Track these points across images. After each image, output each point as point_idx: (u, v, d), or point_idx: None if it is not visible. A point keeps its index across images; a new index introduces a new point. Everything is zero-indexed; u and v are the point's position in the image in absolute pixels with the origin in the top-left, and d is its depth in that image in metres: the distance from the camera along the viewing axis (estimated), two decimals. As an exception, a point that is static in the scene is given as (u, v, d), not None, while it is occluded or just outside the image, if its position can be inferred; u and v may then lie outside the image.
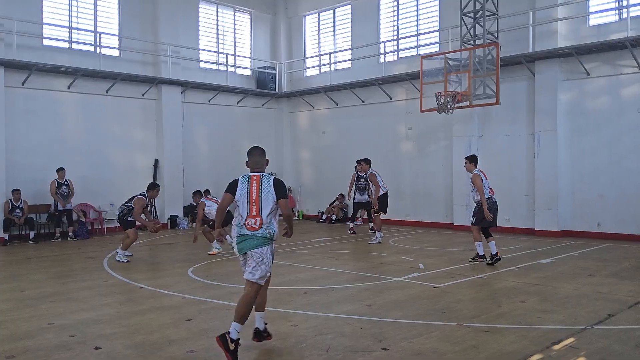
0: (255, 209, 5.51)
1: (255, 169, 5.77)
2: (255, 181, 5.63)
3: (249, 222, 5.50)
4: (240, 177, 5.75)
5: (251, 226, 5.48)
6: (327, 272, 9.97)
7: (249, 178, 5.68)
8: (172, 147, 18.29)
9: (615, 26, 14.01)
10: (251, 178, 5.67)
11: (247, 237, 5.49)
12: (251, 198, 5.56)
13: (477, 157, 10.97)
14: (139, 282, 9.20)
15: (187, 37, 19.11)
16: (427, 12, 18.06)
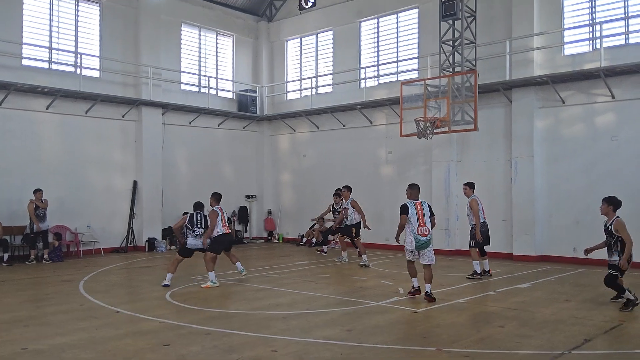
0: (422, 222, 9.35)
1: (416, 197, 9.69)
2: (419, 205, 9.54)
3: (420, 230, 9.31)
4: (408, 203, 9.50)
5: (423, 233, 9.31)
6: (307, 296, 9.93)
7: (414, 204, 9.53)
8: (152, 169, 18.18)
9: (589, 56, 14.41)
10: (415, 204, 9.53)
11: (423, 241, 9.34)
12: (419, 215, 9.38)
13: (474, 184, 12.22)
14: (115, 306, 9.05)
15: (169, 59, 19.15)
16: (407, 39, 18.40)
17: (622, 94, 13.81)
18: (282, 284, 11.37)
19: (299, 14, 21.38)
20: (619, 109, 13.94)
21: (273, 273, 12.92)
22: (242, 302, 9.43)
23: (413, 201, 9.48)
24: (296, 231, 20.67)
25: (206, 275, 11.12)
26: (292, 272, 13.19)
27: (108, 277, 12.55)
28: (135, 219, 17.89)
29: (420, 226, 9.20)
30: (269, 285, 11.14)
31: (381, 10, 18.86)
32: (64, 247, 16.00)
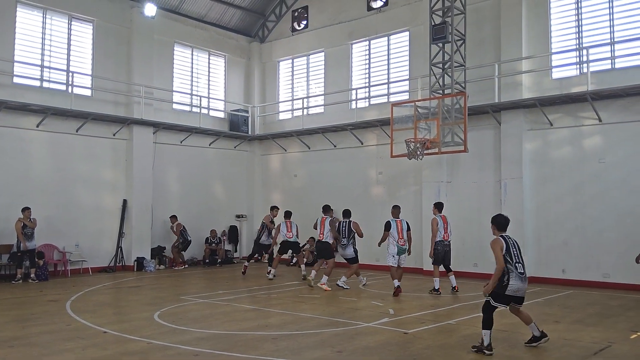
0: (401, 235, 12.29)
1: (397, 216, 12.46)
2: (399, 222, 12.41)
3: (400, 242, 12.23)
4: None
5: (401, 243, 12.25)
6: (297, 317, 9.88)
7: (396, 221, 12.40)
8: (142, 188, 18.12)
9: (576, 80, 14.64)
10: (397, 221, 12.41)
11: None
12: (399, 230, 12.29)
13: (441, 204, 13.28)
14: (103, 326, 8.96)
15: (161, 78, 19.23)
16: (398, 61, 18.61)
17: (609, 117, 14.02)
18: (272, 304, 11.31)
19: (291, 35, 21.61)
20: (605, 132, 14.14)
21: (263, 293, 12.86)
22: (231, 323, 9.37)
23: (395, 219, 12.53)
24: (286, 251, 20.59)
25: (196, 295, 11.03)
26: (282, 292, 13.13)
27: (95, 297, 12.43)
28: (124, 238, 17.77)
29: (400, 238, 12.46)
30: (258, 305, 11.08)
31: (372, 32, 19.10)
32: (50, 266, 15.83)
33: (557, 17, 15.26)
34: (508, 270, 7.27)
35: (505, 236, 7.52)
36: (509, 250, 7.35)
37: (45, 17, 16.69)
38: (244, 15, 21.90)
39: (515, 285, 7.27)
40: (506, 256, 7.30)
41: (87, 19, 17.58)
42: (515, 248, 7.43)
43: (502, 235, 7.53)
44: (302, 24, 21.32)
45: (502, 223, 7.64)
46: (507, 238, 7.48)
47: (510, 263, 7.28)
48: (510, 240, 7.46)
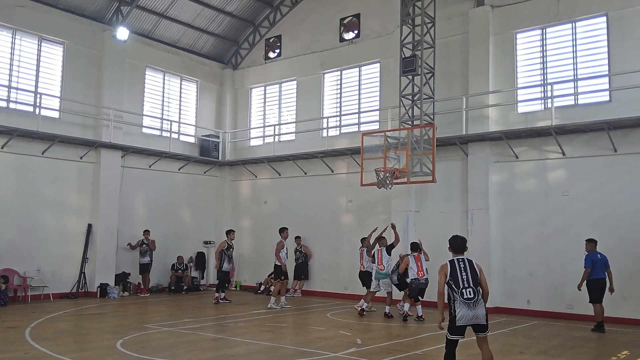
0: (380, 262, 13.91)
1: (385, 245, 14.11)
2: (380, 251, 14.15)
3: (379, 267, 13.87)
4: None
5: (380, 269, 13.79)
6: (264, 347, 9.76)
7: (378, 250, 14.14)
8: (108, 212, 17.81)
9: (541, 114, 15.08)
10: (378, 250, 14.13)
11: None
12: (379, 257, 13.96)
13: (416, 245, 13.86)
14: (63, 355, 8.69)
15: (132, 102, 19.10)
16: (369, 91, 18.91)
17: (572, 151, 14.44)
18: (238, 333, 11.15)
19: (264, 63, 21.79)
20: (569, 166, 14.54)
21: (229, 322, 12.67)
22: (195, 352, 9.19)
23: (382, 247, 14.13)
24: (254, 279, 20.41)
25: (160, 324, 10.81)
26: (249, 321, 12.96)
27: (56, 324, 12.07)
28: (88, 264, 17.36)
29: (379, 264, 13.91)
30: (224, 334, 10.92)
31: (344, 63, 19.40)
32: (10, 291, 15.33)
33: (523, 54, 15.77)
34: (453, 298, 6.82)
35: (456, 259, 7.00)
36: (454, 274, 6.85)
37: (14, 37, 16.50)
38: (217, 42, 22.02)
39: (461, 313, 6.73)
40: (450, 281, 6.85)
41: (57, 40, 17.43)
42: (464, 272, 6.86)
43: (453, 258, 7.05)
44: (275, 52, 21.53)
45: (454, 244, 7.14)
46: (456, 261, 6.97)
47: (454, 290, 6.80)
48: (461, 264, 6.93)
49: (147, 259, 18.31)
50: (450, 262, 7.04)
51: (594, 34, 14.68)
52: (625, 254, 13.22)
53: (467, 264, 6.99)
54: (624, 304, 13.03)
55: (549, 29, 15.34)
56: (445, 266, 7.03)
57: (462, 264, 6.96)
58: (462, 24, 16.54)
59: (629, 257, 13.20)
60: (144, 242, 18.32)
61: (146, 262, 18.32)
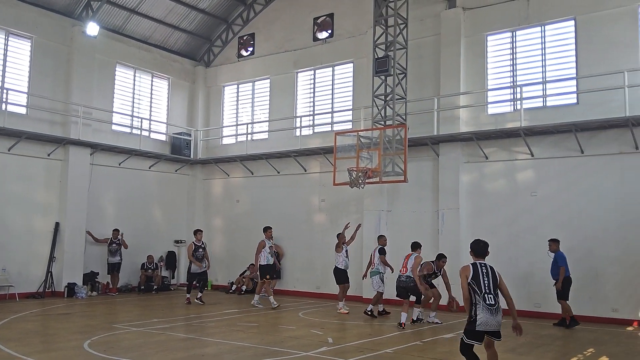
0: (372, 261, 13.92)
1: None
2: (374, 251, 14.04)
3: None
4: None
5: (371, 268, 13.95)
6: (234, 346, 9.70)
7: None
8: (76, 211, 17.48)
9: (510, 116, 15.32)
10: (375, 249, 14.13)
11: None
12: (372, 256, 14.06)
13: (415, 243, 13.17)
14: (29, 355, 8.51)
15: (101, 98, 18.78)
16: (342, 91, 18.96)
17: (541, 152, 14.71)
18: (209, 333, 11.07)
19: (237, 61, 21.66)
20: (537, 167, 14.81)
21: (200, 322, 12.57)
22: (165, 353, 9.08)
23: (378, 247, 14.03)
24: (226, 278, 20.28)
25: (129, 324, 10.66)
26: (220, 320, 12.88)
27: (22, 325, 11.80)
28: (55, 263, 17.02)
29: (372, 263, 13.97)
30: (194, 334, 10.82)
31: (317, 62, 19.41)
32: (-27, 291, 14.96)
33: (493, 56, 16.01)
34: (475, 301, 6.59)
35: (478, 264, 6.84)
36: (477, 279, 6.66)
37: (-21, 31, 16.09)
38: (190, 39, 21.80)
39: (483, 318, 6.52)
40: (473, 285, 6.64)
41: (25, 35, 17.05)
42: (486, 277, 6.69)
43: (474, 262, 6.90)
44: (248, 50, 21.42)
45: (476, 248, 7.02)
46: (478, 266, 6.80)
47: (477, 293, 6.60)
48: (483, 269, 6.77)
49: (118, 258, 18.02)
50: (472, 265, 6.82)
51: (562, 37, 14.98)
52: (591, 254, 13.54)
53: (489, 269, 6.80)
54: (589, 303, 13.33)
55: (518, 31, 15.60)
56: (467, 268, 6.80)
57: (484, 268, 6.77)
58: (434, 25, 16.71)
59: (595, 257, 13.52)
60: (114, 240, 18.02)
61: (116, 262, 18.03)
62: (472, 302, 6.63)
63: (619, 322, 13.02)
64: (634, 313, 13.07)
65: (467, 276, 6.70)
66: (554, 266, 12.85)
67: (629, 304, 13.20)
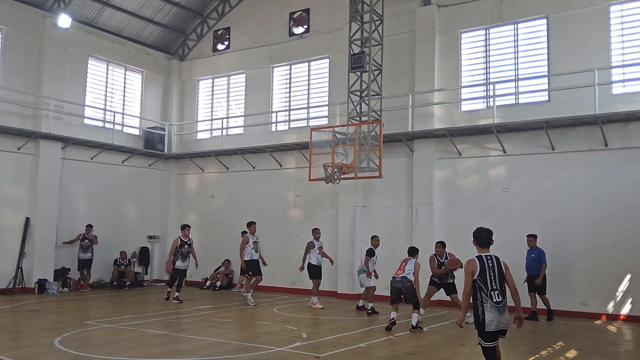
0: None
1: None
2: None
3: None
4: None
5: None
6: (208, 342, 9.67)
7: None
8: (47, 206, 17.18)
9: (483, 113, 15.52)
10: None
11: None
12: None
13: (413, 248, 12.34)
14: (-4, 354, 8.36)
15: (73, 92, 18.46)
16: (318, 86, 18.96)
17: (513, 149, 14.93)
18: (182, 329, 11.01)
19: (212, 55, 21.49)
20: (509, 163, 15.04)
21: (173, 318, 12.49)
22: (137, 349, 9.01)
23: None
24: (200, 274, 20.12)
25: (101, 320, 10.53)
26: (194, 317, 12.81)
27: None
28: (25, 259, 16.72)
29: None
30: (167, 330, 10.74)
31: (293, 57, 19.37)
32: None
33: (467, 53, 16.17)
34: (482, 300, 5.99)
35: (484, 256, 6.16)
36: (483, 274, 6.00)
37: (-54, 21, 15.67)
38: (164, 32, 21.55)
39: (490, 318, 5.95)
40: (479, 282, 6.03)
41: (-6, 26, 16.69)
42: (492, 272, 6.04)
43: (479, 255, 6.22)
44: (223, 44, 21.27)
45: (479, 237, 6.32)
46: (485, 259, 6.13)
47: (484, 291, 5.99)
48: (489, 262, 6.10)
49: (89, 254, 17.73)
50: (478, 259, 6.14)
51: (534, 36, 15.22)
52: (561, 249, 13.81)
53: (495, 261, 6.16)
54: (559, 297, 13.59)
55: (492, 29, 15.79)
56: (474, 264, 6.12)
57: (490, 262, 6.11)
58: (409, 22, 16.81)
59: (564, 252, 13.80)
60: (86, 236, 17.75)
61: (87, 258, 17.73)
62: (477, 301, 6.04)
63: (588, 316, 13.33)
64: (603, 307, 13.40)
65: (474, 272, 6.05)
66: (531, 261, 13.08)
67: (597, 298, 13.51)
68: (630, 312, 13.07)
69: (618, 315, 13.17)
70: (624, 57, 14.01)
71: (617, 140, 13.60)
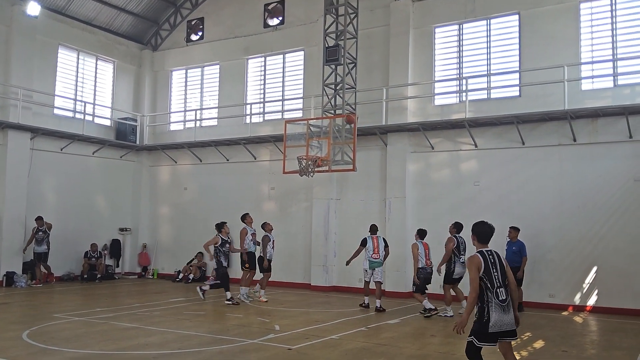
0: (377, 251, 13.01)
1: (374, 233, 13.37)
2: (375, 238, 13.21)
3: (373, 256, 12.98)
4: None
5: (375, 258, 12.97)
6: (180, 335, 9.62)
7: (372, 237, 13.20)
8: (15, 197, 16.83)
9: (456, 107, 15.67)
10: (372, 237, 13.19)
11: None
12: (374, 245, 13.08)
13: (423, 231, 12.96)
14: (-39, 348, 8.18)
15: (42, 81, 18.07)
16: (293, 79, 18.90)
17: (484, 143, 15.13)
18: (154, 322, 10.92)
19: (185, 45, 21.25)
20: (480, 157, 15.24)
21: (144, 311, 12.37)
22: (107, 342, 8.92)
23: (371, 236, 13.34)
24: (172, 267, 19.99)
25: (70, 313, 10.39)
26: (166, 309, 12.72)
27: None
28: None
29: (374, 253, 13.12)
30: (138, 323, 10.65)
31: (268, 49, 19.27)
32: None
33: (440, 48, 16.30)
34: (487, 299, 5.63)
35: (486, 252, 5.81)
36: (488, 271, 5.64)
37: None
38: (136, 21, 21.21)
39: (496, 318, 5.60)
40: (485, 279, 5.65)
41: (-42, 12, 16.21)
42: (495, 268, 5.70)
43: (480, 250, 5.84)
44: (197, 34, 21.03)
45: (482, 232, 5.94)
46: (487, 254, 5.78)
47: (489, 289, 5.63)
48: (491, 258, 5.76)
49: (44, 247, 16.94)
50: (481, 254, 5.77)
51: (506, 32, 15.41)
52: (530, 242, 13.99)
53: (496, 257, 5.83)
54: (527, 288, 13.83)
55: (465, 24, 15.94)
56: (477, 260, 5.72)
57: (491, 257, 5.77)
58: (384, 16, 16.85)
59: (533, 245, 14.01)
60: (39, 229, 16.93)
61: (42, 251, 16.92)
62: (483, 300, 5.69)
63: (556, 307, 13.63)
64: (570, 298, 13.71)
65: (479, 269, 5.64)
66: (512, 254, 13.15)
67: (564, 289, 13.82)
68: (596, 303, 13.41)
69: (584, 306, 13.50)
70: (593, 53, 14.30)
71: (585, 136, 13.88)
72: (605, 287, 13.36)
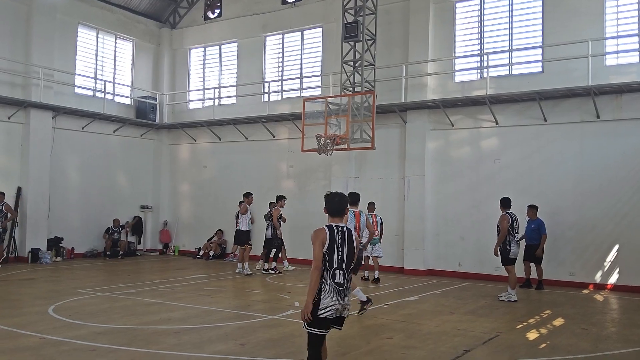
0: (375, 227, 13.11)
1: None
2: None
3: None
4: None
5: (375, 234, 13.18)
6: (201, 311, 9.78)
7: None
8: (38, 175, 17.12)
9: (477, 84, 15.47)
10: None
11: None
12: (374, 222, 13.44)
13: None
14: (-9, 321, 8.43)
15: (63, 60, 18.20)
16: (311, 56, 18.78)
17: (505, 120, 14.94)
18: (176, 297, 11.11)
19: (203, 23, 21.19)
20: (501, 134, 15.07)
21: (166, 287, 12.59)
22: (131, 317, 9.11)
23: (370, 214, 13.72)
24: (193, 244, 20.26)
25: (94, 289, 10.59)
26: (187, 285, 12.93)
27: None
28: (18, 228, 16.72)
29: (375, 229, 13.01)
30: (161, 299, 10.85)
31: (286, 26, 19.14)
32: None
33: (461, 23, 16.04)
34: (322, 278, 5.37)
35: (336, 227, 5.66)
36: (331, 247, 5.50)
37: None
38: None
39: (328, 302, 5.24)
40: (325, 255, 5.42)
41: (-20, -8, 16.33)
42: (341, 247, 5.50)
43: (330, 224, 5.70)
44: (215, 12, 20.95)
45: (332, 206, 5.80)
46: (336, 229, 5.62)
47: (326, 268, 5.37)
48: (340, 235, 5.57)
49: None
50: (328, 228, 5.59)
51: (529, 6, 15.08)
52: (550, 219, 13.90)
53: (346, 236, 5.68)
54: (547, 266, 13.76)
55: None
56: (323, 233, 5.56)
57: (340, 235, 5.57)
58: (404, -10, 16.60)
59: (554, 222, 13.91)
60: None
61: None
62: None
63: (576, 285, 13.56)
64: (590, 276, 13.62)
65: (324, 244, 5.39)
66: (531, 232, 13.26)
67: (585, 268, 13.73)
68: (617, 281, 13.30)
69: (605, 284, 13.40)
70: (618, 28, 13.95)
71: (609, 112, 13.63)
72: (627, 265, 13.23)
